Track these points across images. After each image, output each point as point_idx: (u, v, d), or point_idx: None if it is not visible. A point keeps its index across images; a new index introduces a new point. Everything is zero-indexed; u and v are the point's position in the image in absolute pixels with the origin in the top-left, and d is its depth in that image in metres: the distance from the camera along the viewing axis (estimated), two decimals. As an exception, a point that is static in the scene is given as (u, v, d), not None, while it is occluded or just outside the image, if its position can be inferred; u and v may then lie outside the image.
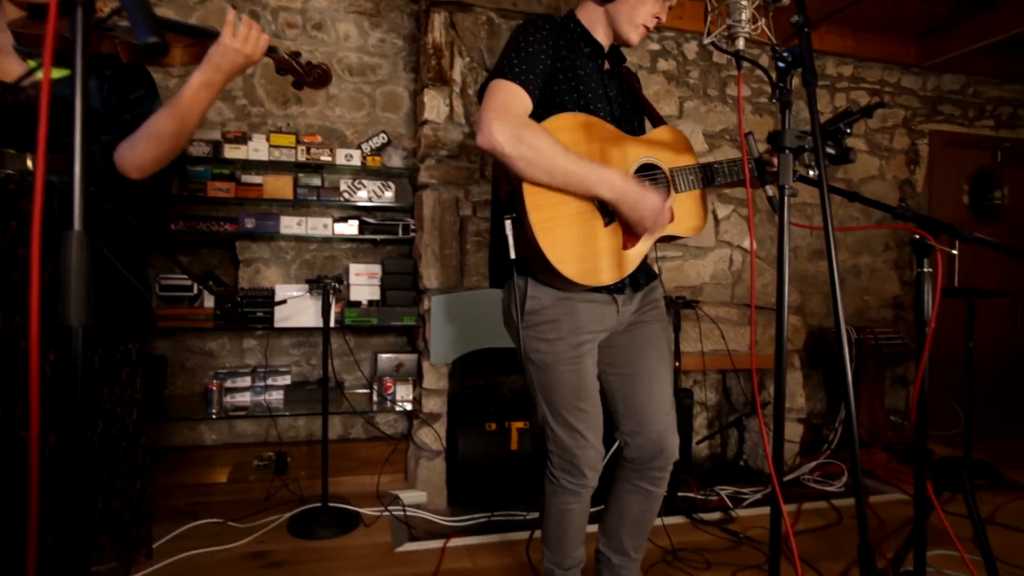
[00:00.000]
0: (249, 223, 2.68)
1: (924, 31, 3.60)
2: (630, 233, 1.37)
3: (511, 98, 1.29)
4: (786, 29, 1.30)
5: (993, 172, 3.92)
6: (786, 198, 1.10)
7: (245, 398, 2.72)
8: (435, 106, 2.63)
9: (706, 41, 1.15)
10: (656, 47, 3.15)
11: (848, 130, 1.19)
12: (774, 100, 1.06)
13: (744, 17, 1.13)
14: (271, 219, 2.71)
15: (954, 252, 1.10)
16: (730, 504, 2.52)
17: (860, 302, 3.70)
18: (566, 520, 1.50)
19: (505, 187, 1.36)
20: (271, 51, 1.21)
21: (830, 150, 1.19)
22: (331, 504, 2.36)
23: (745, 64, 1.15)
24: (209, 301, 2.66)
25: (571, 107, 1.39)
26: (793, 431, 3.02)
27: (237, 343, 2.86)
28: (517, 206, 1.31)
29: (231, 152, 2.60)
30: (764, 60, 3.13)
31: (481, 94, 1.34)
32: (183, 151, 1.25)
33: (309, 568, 1.98)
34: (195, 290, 2.69)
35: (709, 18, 1.17)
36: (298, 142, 2.71)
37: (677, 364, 2.54)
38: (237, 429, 2.84)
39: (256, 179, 2.72)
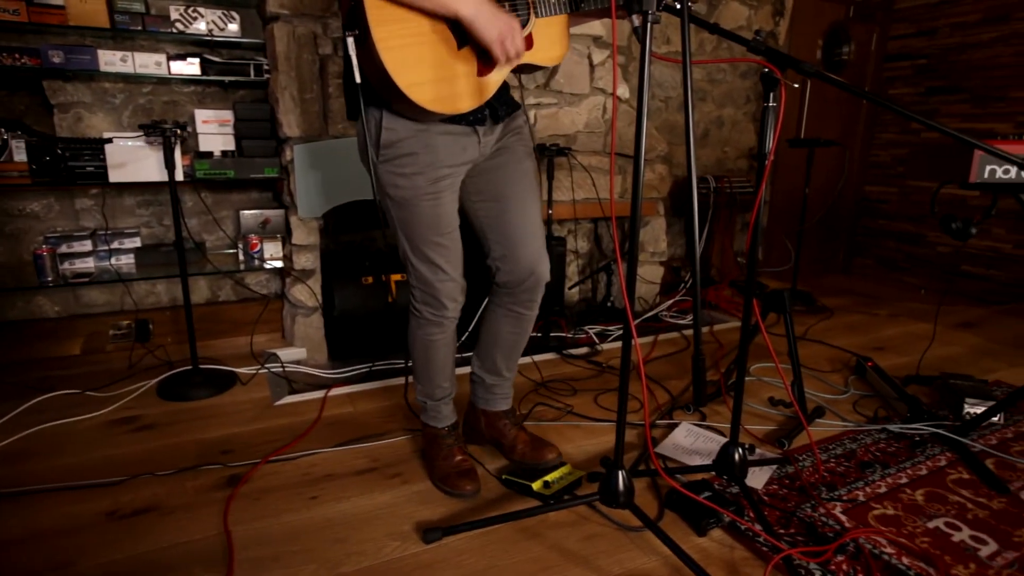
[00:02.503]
0: (56, 57, 2.23)
1: None
2: (486, 60, 1.30)
3: None
4: None
5: (844, 28, 4.13)
6: (649, 25, 1.08)
7: (87, 264, 2.46)
8: (277, -86, 2.23)
9: None
10: None
11: (714, -46, 1.16)
12: (642, -90, 0.99)
13: None
14: (85, 52, 2.27)
15: (795, 85, 1.15)
16: (596, 340, 2.76)
17: (720, 153, 3.93)
18: (432, 351, 1.56)
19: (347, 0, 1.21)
20: None
21: (695, -26, 1.15)
22: (203, 366, 2.29)
23: None
24: (20, 153, 2.26)
25: None
26: (654, 273, 3.30)
27: (68, 203, 2.51)
28: (359, 20, 1.16)
29: (11, -40, 2.07)
30: None
31: None
32: None
33: (185, 427, 1.94)
34: (-2, 140, 2.26)
35: None
36: (104, -48, 2.21)
37: (550, 212, 2.60)
38: (85, 299, 2.58)
39: (55, 0, 2.22)
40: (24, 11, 2.13)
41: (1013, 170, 1.48)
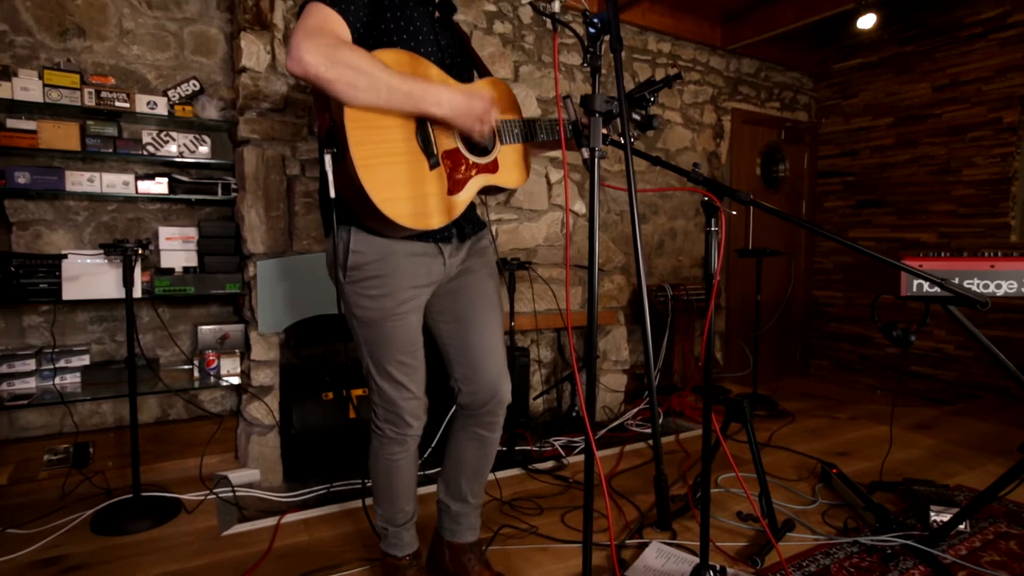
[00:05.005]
0: (21, 178, 2.25)
1: (728, 16, 4.01)
2: (455, 178, 1.37)
3: (326, 21, 1.20)
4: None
5: (778, 148, 4.54)
6: (596, 159, 1.17)
7: (28, 384, 2.34)
8: (254, 52, 2.40)
9: (524, 1, 1.16)
10: (492, 8, 3.14)
11: (652, 98, 1.29)
12: (585, 65, 1.11)
13: (559, -19, 1.15)
14: (52, 173, 2.30)
15: (734, 212, 1.25)
16: (562, 453, 2.70)
17: (676, 262, 4.11)
18: (394, 472, 1.50)
19: (326, 121, 1.27)
20: None
21: (636, 116, 1.27)
22: (145, 494, 2.14)
23: (575, 29, 1.18)
24: (-30, 272, 2.21)
25: (400, 48, 1.32)
26: (618, 381, 3.31)
27: (15, 321, 2.43)
28: (338, 139, 1.22)
29: (-12, 90, 2.15)
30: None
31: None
32: None
33: (117, 567, 1.77)
34: (-51, 258, 2.21)
35: (527, -21, 1.18)
36: (83, 83, 2.32)
37: (512, 324, 2.64)
38: (20, 422, 2.43)
39: (28, 125, 2.28)
40: (-6, 136, 2.18)
41: (940, 284, 1.59)
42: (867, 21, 3.71)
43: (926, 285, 1.54)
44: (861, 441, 2.96)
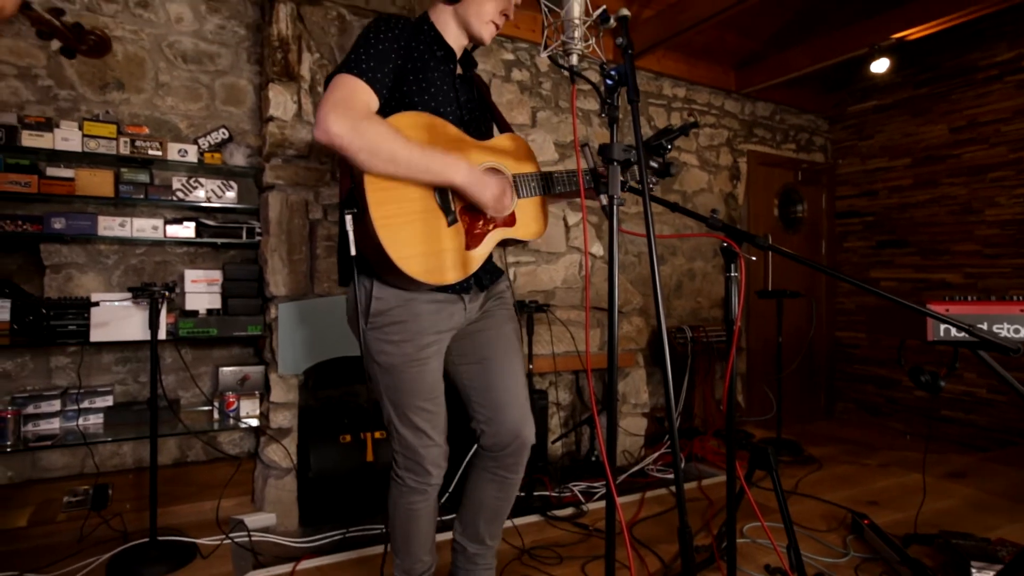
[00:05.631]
0: (57, 223, 2.34)
1: (741, 62, 4.09)
2: (473, 233, 1.39)
3: (352, 93, 1.25)
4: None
5: (795, 189, 4.55)
6: (615, 207, 1.18)
7: (52, 425, 2.37)
8: (281, 102, 2.49)
9: (543, 55, 1.20)
10: (511, 57, 3.25)
11: (669, 145, 1.31)
12: (602, 115, 1.14)
13: (577, 35, 1.19)
14: (86, 219, 2.39)
15: (754, 258, 1.25)
16: (582, 499, 2.64)
17: (694, 303, 4.08)
18: (413, 521, 1.48)
19: (348, 182, 1.31)
20: (25, 7, 1.08)
21: (653, 163, 1.29)
22: (161, 538, 2.13)
23: (591, 80, 1.22)
24: (4, 312, 2.27)
25: (420, 108, 1.37)
26: (638, 425, 3.25)
27: (42, 362, 2.48)
28: (359, 201, 1.27)
29: (31, 140, 2.25)
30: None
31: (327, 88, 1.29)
32: None
33: (131, 612, 1.75)
34: (-16, 301, 2.28)
35: (546, 33, 1.22)
36: (120, 133, 2.42)
37: (531, 367, 2.63)
38: (43, 462, 2.45)
39: (66, 173, 2.38)
40: (35, 183, 2.27)
41: (968, 328, 1.56)
42: (880, 65, 3.75)
43: (954, 330, 1.51)
44: (892, 490, 2.85)
